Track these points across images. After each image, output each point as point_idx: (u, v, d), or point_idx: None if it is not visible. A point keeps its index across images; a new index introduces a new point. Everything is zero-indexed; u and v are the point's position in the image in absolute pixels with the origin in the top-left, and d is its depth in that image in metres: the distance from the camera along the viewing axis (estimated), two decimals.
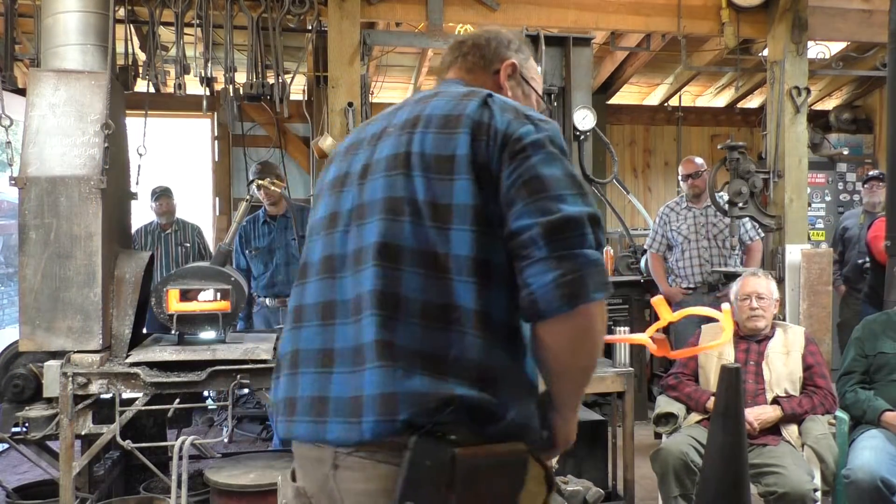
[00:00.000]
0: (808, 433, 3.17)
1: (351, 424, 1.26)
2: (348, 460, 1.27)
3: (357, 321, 1.28)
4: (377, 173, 1.33)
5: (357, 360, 1.27)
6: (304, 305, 1.40)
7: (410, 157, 1.29)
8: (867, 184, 5.72)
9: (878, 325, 3.42)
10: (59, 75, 3.25)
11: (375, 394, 1.23)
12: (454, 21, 4.58)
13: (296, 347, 1.39)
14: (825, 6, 4.87)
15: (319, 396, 1.32)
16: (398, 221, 1.26)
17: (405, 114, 1.37)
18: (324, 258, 1.38)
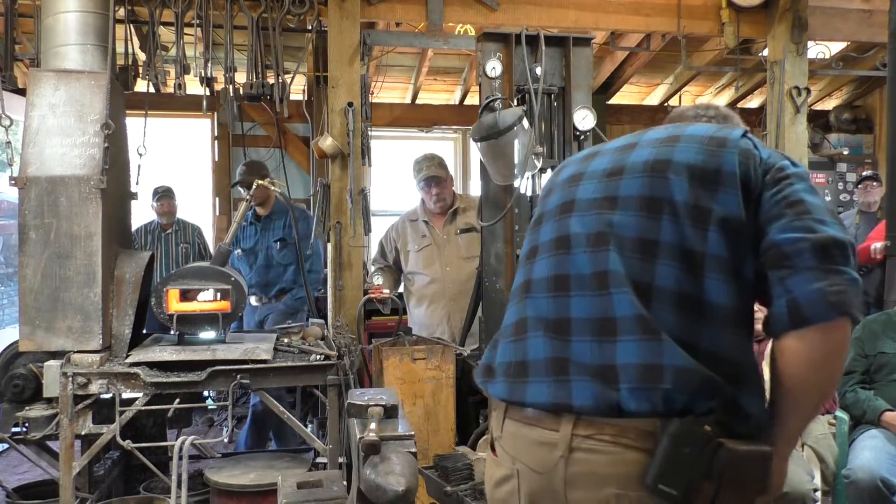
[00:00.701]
0: (808, 433, 3.17)
1: (605, 388, 1.30)
2: (587, 443, 1.31)
3: (605, 295, 1.37)
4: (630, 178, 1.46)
5: (606, 332, 1.34)
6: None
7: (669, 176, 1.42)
8: (861, 184, 5.75)
9: (878, 325, 3.43)
10: (59, 75, 3.26)
11: (636, 363, 1.29)
12: (454, 21, 4.58)
13: (523, 316, 1.49)
14: (825, 6, 4.87)
15: (558, 358, 1.38)
16: (655, 220, 1.38)
17: (647, 154, 1.47)
18: (554, 277, 1.47)
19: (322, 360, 3.20)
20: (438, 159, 4.14)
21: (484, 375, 1.55)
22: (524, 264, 1.57)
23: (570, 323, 1.39)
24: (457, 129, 7.37)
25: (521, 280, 1.55)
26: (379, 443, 2.02)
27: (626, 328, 1.32)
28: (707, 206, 1.35)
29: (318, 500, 2.20)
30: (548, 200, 1.59)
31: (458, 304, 3.94)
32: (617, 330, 1.33)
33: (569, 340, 1.38)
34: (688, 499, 1.23)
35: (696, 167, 1.39)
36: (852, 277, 1.27)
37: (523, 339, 1.45)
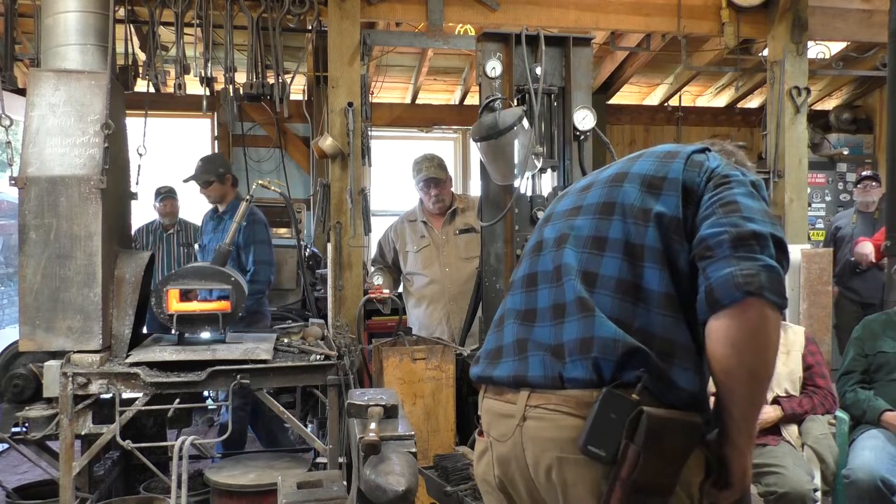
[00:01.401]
0: (809, 433, 3.17)
1: (554, 362, 1.49)
2: (536, 412, 1.49)
3: (559, 285, 1.55)
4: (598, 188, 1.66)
5: (558, 315, 1.53)
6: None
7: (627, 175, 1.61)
8: (860, 183, 5.75)
9: (878, 324, 3.43)
10: (59, 75, 3.25)
11: (574, 338, 1.47)
12: (454, 21, 4.58)
13: (503, 310, 1.70)
14: (825, 6, 4.87)
15: (522, 339, 1.58)
16: (607, 220, 1.56)
17: (613, 170, 1.68)
18: (527, 275, 1.68)
19: (322, 360, 3.20)
20: (438, 160, 4.14)
21: (473, 363, 1.74)
22: (514, 271, 1.78)
23: (535, 312, 1.59)
24: (457, 129, 7.37)
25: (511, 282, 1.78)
26: (379, 443, 2.02)
27: (572, 310, 1.51)
28: (650, 207, 1.52)
29: (318, 500, 2.20)
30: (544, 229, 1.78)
31: (457, 305, 3.94)
32: (565, 312, 1.52)
33: (533, 326, 1.58)
34: (615, 460, 1.36)
35: (648, 175, 1.57)
36: (767, 264, 1.35)
37: (501, 329, 1.67)
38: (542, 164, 3.36)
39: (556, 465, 1.45)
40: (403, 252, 4.16)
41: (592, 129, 3.44)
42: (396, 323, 3.68)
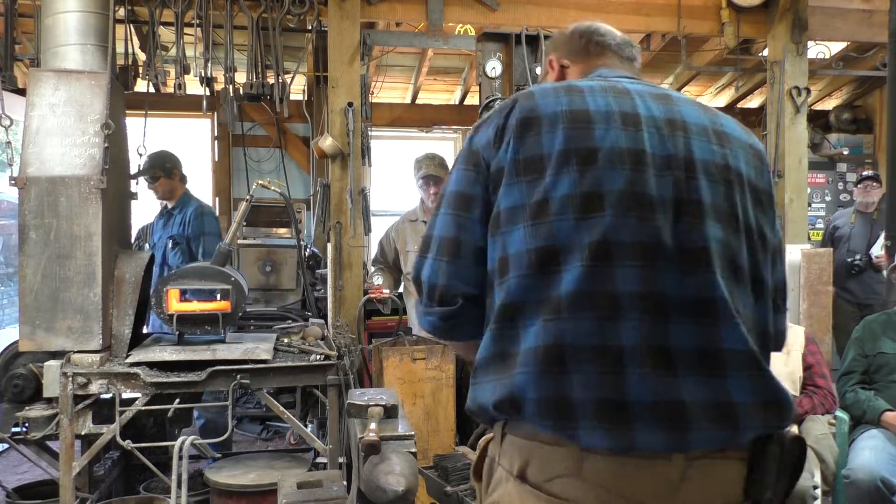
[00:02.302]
0: (809, 433, 3.17)
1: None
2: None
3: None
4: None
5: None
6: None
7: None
8: (861, 183, 5.74)
9: (878, 325, 3.43)
10: (59, 75, 3.25)
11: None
12: (454, 21, 4.58)
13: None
14: (825, 6, 4.87)
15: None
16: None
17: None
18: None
19: (322, 360, 3.20)
20: (439, 159, 4.14)
21: None
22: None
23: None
24: (457, 129, 7.37)
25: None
26: (379, 443, 2.02)
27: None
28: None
29: (318, 500, 2.20)
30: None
31: None
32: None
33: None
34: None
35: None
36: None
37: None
38: None
39: None
40: (404, 252, 4.17)
41: None
42: (396, 323, 3.68)
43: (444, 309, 1.37)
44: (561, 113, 1.30)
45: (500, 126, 1.33)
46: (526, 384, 1.22)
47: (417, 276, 1.40)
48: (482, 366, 1.31)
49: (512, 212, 1.28)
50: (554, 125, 1.29)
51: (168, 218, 4.51)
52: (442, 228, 1.37)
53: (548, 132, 1.29)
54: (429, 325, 1.41)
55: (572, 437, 1.18)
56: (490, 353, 1.29)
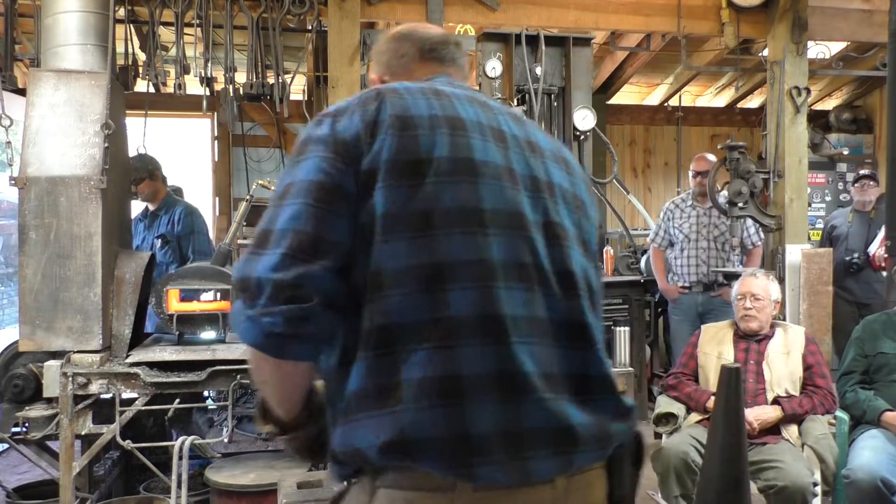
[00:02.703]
0: (809, 433, 3.17)
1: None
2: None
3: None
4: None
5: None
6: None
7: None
8: (858, 182, 5.75)
9: (879, 325, 3.43)
10: (59, 75, 3.25)
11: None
12: (454, 21, 4.58)
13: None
14: (825, 6, 4.87)
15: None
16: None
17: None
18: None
19: None
20: None
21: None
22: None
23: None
24: None
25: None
26: None
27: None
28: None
29: (318, 500, 2.19)
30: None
31: None
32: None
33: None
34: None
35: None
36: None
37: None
38: None
39: None
40: None
41: (592, 129, 3.44)
42: None
43: (293, 308, 1.09)
44: (439, 117, 1.21)
45: (372, 120, 1.18)
46: (420, 421, 1.09)
47: (242, 276, 1.12)
48: (355, 401, 1.12)
49: (392, 219, 1.13)
50: (433, 129, 1.20)
51: (153, 219, 4.51)
52: (292, 221, 1.13)
53: (427, 135, 1.18)
54: (261, 331, 1.10)
55: (468, 477, 1.09)
56: (365, 384, 1.12)
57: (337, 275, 1.12)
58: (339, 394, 1.15)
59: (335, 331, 1.14)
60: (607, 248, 6.07)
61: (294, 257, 1.10)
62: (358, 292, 1.13)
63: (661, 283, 5.08)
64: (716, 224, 4.87)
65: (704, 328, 3.60)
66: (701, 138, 7.81)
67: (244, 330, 1.11)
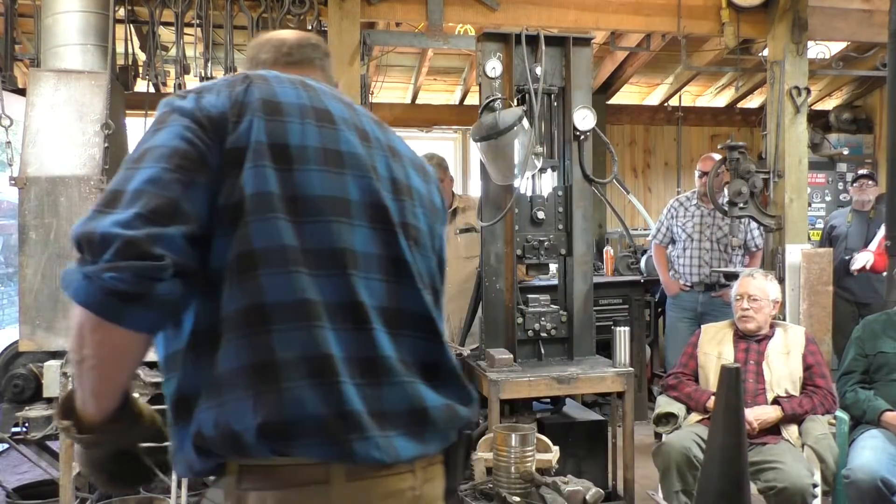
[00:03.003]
0: (808, 433, 3.17)
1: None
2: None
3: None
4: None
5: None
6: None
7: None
8: (857, 182, 5.77)
9: (879, 324, 3.43)
10: (59, 75, 3.25)
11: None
12: (454, 21, 4.58)
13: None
14: (825, 6, 4.87)
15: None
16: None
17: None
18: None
19: None
20: (438, 159, 4.13)
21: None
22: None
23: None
24: (457, 129, 7.37)
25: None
26: None
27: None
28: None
29: None
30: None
31: (456, 305, 3.93)
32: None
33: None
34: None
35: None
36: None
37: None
38: (542, 164, 3.36)
39: None
40: None
41: (592, 129, 3.44)
42: None
43: (145, 264, 1.01)
44: (307, 107, 1.22)
45: (239, 100, 1.17)
46: (299, 399, 1.08)
47: (83, 232, 1.02)
48: (228, 381, 1.09)
49: (263, 201, 1.12)
50: (303, 117, 1.21)
51: None
52: (148, 184, 1.06)
53: (297, 123, 1.19)
54: (99, 288, 1.00)
55: (347, 455, 1.10)
56: (239, 364, 1.09)
57: (190, 243, 1.07)
58: (202, 378, 1.12)
59: (182, 304, 1.11)
60: (607, 249, 6.08)
61: (147, 218, 1.03)
62: (221, 272, 1.11)
63: (664, 277, 5.08)
64: (719, 225, 4.88)
65: (704, 328, 3.61)
66: (701, 138, 7.80)
67: (78, 288, 1.01)
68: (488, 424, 3.08)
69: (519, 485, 2.11)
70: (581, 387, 3.26)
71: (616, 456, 3.54)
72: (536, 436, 2.22)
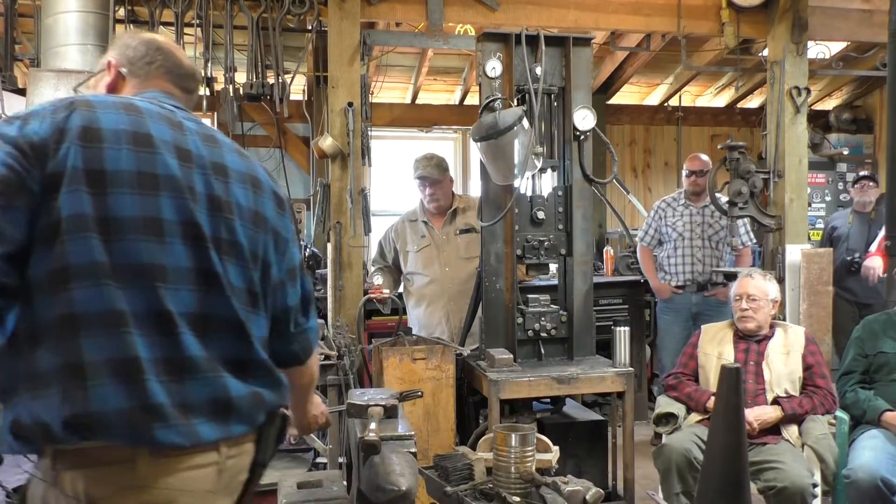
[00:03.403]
0: (809, 433, 3.17)
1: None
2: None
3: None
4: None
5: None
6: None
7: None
8: (858, 183, 5.78)
9: (879, 324, 3.43)
10: (59, 75, 3.25)
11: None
12: (454, 21, 4.58)
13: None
14: (825, 6, 4.87)
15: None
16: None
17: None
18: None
19: (322, 360, 3.20)
20: (437, 159, 4.12)
21: None
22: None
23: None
24: (457, 129, 7.37)
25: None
26: (379, 443, 2.02)
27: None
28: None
29: (318, 500, 2.20)
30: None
31: (457, 305, 3.93)
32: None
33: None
34: None
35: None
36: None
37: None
38: (542, 164, 3.36)
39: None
40: (404, 252, 4.16)
41: (592, 129, 3.44)
42: (396, 323, 3.68)
43: None
44: (128, 133, 1.35)
45: (60, 127, 1.29)
46: (104, 396, 1.25)
47: None
48: (42, 378, 1.25)
49: (77, 222, 1.27)
50: (118, 143, 1.33)
51: None
52: None
53: (113, 149, 1.32)
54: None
55: (149, 441, 1.28)
56: (51, 364, 1.25)
57: (9, 261, 1.23)
58: (20, 373, 1.27)
59: (4, 310, 1.26)
60: (607, 249, 6.08)
61: None
62: (39, 283, 1.26)
63: (654, 281, 5.09)
64: (710, 223, 4.90)
65: (705, 328, 3.61)
66: (701, 138, 7.80)
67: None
68: (488, 424, 3.08)
69: (519, 485, 2.11)
70: (581, 387, 3.26)
71: (616, 456, 3.54)
72: (536, 436, 2.21)
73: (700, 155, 5.08)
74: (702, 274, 4.87)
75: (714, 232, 4.89)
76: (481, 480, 2.26)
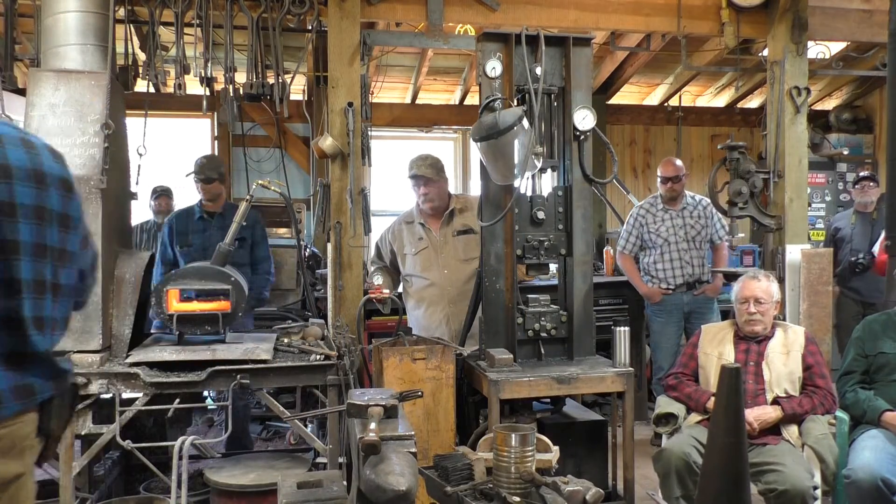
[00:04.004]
0: (809, 433, 3.17)
1: None
2: None
3: None
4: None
5: None
6: None
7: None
8: (858, 184, 5.78)
9: (879, 324, 3.43)
10: (59, 75, 3.25)
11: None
12: (454, 21, 4.58)
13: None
14: (825, 6, 4.87)
15: None
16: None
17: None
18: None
19: (322, 360, 3.20)
20: (432, 160, 4.10)
21: None
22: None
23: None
24: (457, 129, 7.38)
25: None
26: (379, 443, 2.02)
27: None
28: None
29: (318, 500, 2.19)
30: None
31: (457, 307, 3.93)
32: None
33: None
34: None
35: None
36: None
37: None
38: (542, 164, 3.36)
39: None
40: (401, 254, 4.15)
41: (592, 129, 3.43)
42: (396, 323, 3.68)
43: None
44: None
45: None
46: None
47: None
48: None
49: None
50: None
51: (222, 220, 4.46)
52: None
53: None
54: None
55: None
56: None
57: None
58: None
59: None
60: (607, 249, 6.08)
61: None
62: None
63: (642, 287, 5.13)
64: (691, 224, 5.00)
65: (705, 328, 3.60)
66: (701, 138, 7.81)
67: None
68: (488, 424, 3.08)
69: (519, 485, 2.11)
70: (581, 387, 3.25)
71: (616, 456, 3.54)
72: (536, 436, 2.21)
73: (673, 160, 5.13)
74: (692, 275, 4.95)
75: (696, 232, 5.00)
76: (481, 480, 2.26)
